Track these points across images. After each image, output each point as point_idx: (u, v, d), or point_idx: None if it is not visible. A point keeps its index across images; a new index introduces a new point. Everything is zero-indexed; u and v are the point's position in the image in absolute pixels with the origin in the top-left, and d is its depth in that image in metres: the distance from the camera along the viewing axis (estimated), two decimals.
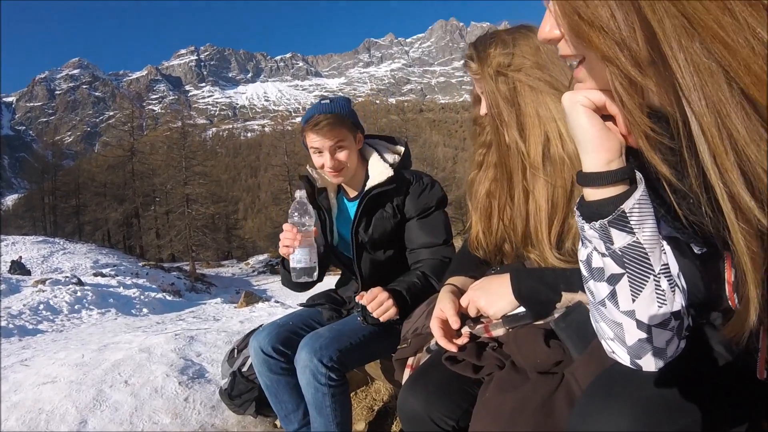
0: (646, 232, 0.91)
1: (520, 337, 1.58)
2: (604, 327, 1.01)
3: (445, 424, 1.68)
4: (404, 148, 2.72)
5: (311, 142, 2.47)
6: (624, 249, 0.92)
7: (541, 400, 1.39)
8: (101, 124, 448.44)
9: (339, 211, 2.73)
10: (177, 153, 52.57)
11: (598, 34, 0.80)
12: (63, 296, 14.78)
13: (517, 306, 1.65)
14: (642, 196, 0.90)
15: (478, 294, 1.71)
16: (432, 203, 2.55)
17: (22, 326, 11.34)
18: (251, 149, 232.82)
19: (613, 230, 0.91)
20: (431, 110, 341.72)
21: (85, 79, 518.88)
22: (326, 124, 2.41)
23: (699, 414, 1.07)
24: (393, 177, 2.50)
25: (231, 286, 33.05)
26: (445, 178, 56.97)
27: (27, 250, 33.44)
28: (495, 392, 1.51)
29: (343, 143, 2.47)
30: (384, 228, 2.55)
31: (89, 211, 66.72)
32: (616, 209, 0.90)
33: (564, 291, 1.56)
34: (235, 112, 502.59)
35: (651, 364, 0.97)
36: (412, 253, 2.57)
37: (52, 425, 3.13)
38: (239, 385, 3.11)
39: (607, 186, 0.92)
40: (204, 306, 14.08)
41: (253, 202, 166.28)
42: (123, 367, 3.85)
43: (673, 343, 0.97)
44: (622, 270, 0.93)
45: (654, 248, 0.92)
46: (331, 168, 2.47)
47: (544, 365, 1.50)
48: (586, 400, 1.15)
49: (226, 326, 5.55)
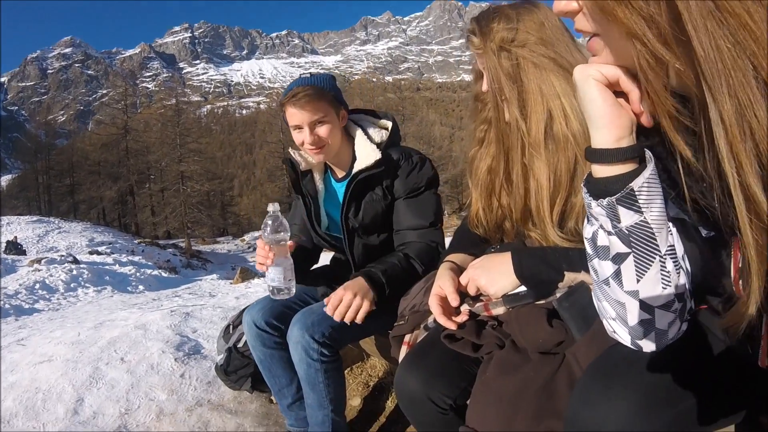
0: (654, 212, 0.89)
1: (521, 317, 1.57)
2: (606, 306, 1.00)
3: (443, 403, 1.68)
4: (392, 123, 2.60)
5: (290, 117, 2.37)
6: (631, 228, 0.90)
7: (543, 381, 1.38)
8: (94, 102, 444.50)
9: (327, 192, 2.65)
10: (171, 130, 52.29)
11: (624, 8, 0.76)
12: (59, 275, 14.79)
13: (519, 285, 1.64)
14: (651, 175, 0.88)
15: (479, 272, 1.70)
16: (422, 183, 2.44)
17: (19, 306, 11.36)
18: (246, 126, 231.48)
19: (620, 208, 0.89)
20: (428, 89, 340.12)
21: (78, 57, 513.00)
22: (304, 95, 2.30)
23: (697, 399, 1.07)
24: (381, 160, 2.38)
25: (227, 262, 33.11)
26: (441, 157, 56.88)
27: (22, 230, 33.35)
28: (496, 373, 1.50)
29: (324, 118, 2.36)
30: (375, 211, 2.46)
31: (84, 189, 66.51)
32: (625, 187, 0.87)
33: (567, 270, 1.56)
34: (230, 90, 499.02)
35: (652, 345, 0.96)
36: (398, 234, 2.49)
37: (48, 404, 3.14)
38: (235, 361, 3.11)
39: (617, 163, 0.90)
40: (200, 282, 14.15)
41: (248, 179, 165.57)
42: (119, 345, 3.85)
43: (675, 325, 0.96)
44: (628, 249, 0.91)
45: (661, 228, 0.90)
46: (311, 144, 2.37)
47: (545, 345, 1.49)
48: (586, 382, 1.15)
49: (222, 302, 5.56)
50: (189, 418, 3.04)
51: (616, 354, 1.14)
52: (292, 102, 2.31)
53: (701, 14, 0.69)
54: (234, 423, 3.01)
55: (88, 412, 3.07)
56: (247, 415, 3.09)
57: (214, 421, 3.03)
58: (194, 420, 3.03)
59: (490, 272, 1.68)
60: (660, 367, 1.07)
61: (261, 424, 3.01)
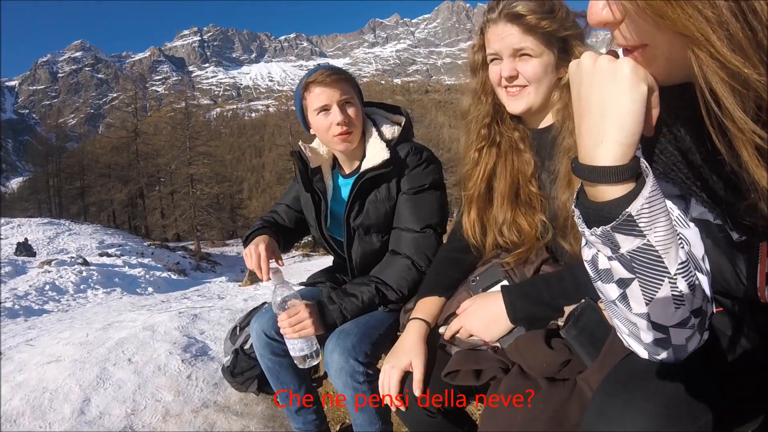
0: (659, 232, 0.77)
1: (521, 344, 1.54)
2: (619, 324, 0.92)
3: (431, 406, 1.68)
4: (405, 118, 2.49)
5: (316, 98, 2.23)
6: (633, 253, 0.79)
7: (552, 412, 1.35)
8: (104, 106, 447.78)
9: (334, 189, 2.55)
10: (181, 133, 52.41)
11: (678, 7, 0.62)
12: (69, 276, 14.87)
13: (513, 328, 1.61)
14: (652, 193, 0.76)
15: (471, 321, 1.67)
16: (426, 182, 2.31)
17: (28, 307, 11.42)
18: (255, 129, 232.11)
19: (618, 235, 0.78)
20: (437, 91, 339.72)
21: (88, 61, 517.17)
22: (332, 73, 2.21)
23: (717, 410, 0.99)
24: (389, 160, 2.27)
25: (236, 265, 33.14)
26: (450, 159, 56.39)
27: (33, 232, 33.55)
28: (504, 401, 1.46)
29: (353, 98, 2.27)
30: (378, 212, 2.35)
31: (94, 192, 66.80)
32: (621, 213, 0.76)
33: (565, 306, 1.52)
34: (239, 93, 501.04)
35: (671, 358, 0.90)
36: (394, 232, 2.36)
37: (55, 404, 3.15)
38: (241, 363, 3.12)
39: (617, 183, 0.77)
40: (209, 285, 14.21)
41: (257, 182, 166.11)
42: (127, 346, 3.86)
43: (694, 338, 0.88)
44: (631, 275, 0.81)
45: (668, 249, 0.78)
46: (342, 124, 2.23)
47: (551, 368, 1.45)
48: (602, 395, 1.07)
49: (230, 304, 5.56)
50: (195, 420, 3.03)
51: (631, 366, 1.08)
52: (319, 82, 2.21)
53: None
54: (240, 425, 3.00)
55: (95, 412, 3.07)
56: (253, 417, 3.08)
57: (220, 422, 3.02)
58: (200, 421, 3.02)
59: (483, 320, 1.65)
60: (678, 378, 0.99)
61: (267, 427, 3.00)
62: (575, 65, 0.83)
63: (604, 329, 1.35)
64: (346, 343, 2.07)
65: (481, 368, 1.59)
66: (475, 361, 1.60)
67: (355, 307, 2.19)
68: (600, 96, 0.77)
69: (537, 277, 1.67)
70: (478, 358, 1.61)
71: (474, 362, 1.60)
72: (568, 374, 1.43)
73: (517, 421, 1.37)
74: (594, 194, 0.81)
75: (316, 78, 2.21)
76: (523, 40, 1.61)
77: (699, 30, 0.61)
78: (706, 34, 0.61)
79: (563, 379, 1.44)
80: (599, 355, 1.34)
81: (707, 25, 0.60)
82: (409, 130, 2.47)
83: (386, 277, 2.25)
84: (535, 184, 1.76)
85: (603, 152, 0.77)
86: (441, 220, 2.33)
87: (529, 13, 1.56)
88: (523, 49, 1.62)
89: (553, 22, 1.57)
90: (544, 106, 1.72)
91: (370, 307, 2.21)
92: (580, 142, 0.81)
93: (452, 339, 1.72)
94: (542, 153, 1.76)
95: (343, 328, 2.16)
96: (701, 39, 0.62)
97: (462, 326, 1.69)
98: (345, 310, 2.18)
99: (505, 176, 1.79)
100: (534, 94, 1.68)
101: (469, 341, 1.68)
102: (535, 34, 1.59)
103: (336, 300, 2.20)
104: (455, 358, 1.65)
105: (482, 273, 1.80)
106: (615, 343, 1.19)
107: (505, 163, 1.80)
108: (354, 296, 2.20)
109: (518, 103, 1.70)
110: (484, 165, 1.83)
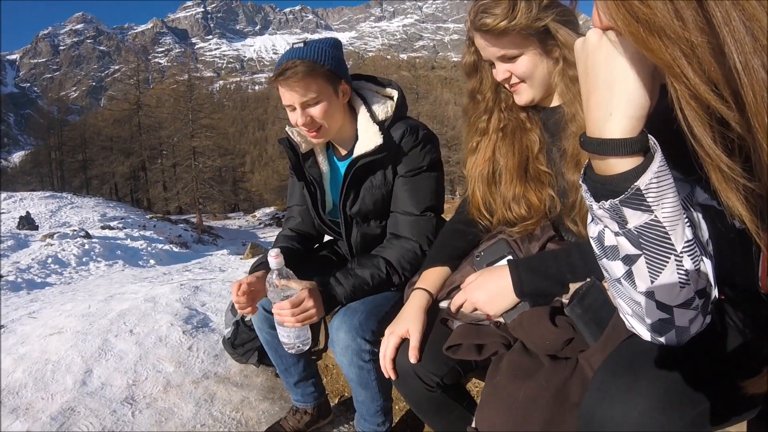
0: (667, 208, 0.78)
1: (525, 320, 1.53)
2: (622, 303, 0.93)
3: (430, 380, 1.69)
4: (397, 92, 2.32)
5: (282, 96, 2.11)
6: (640, 228, 0.80)
7: (555, 389, 1.34)
8: (106, 78, 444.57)
9: (331, 172, 2.45)
10: (184, 106, 52.15)
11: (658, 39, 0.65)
12: (71, 249, 14.88)
13: (518, 302, 1.61)
14: (660, 168, 0.76)
15: (476, 294, 1.66)
16: (423, 163, 2.21)
17: (31, 280, 11.46)
18: (259, 102, 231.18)
19: (626, 209, 0.78)
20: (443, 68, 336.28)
21: (89, 33, 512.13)
22: (294, 73, 2.01)
23: (716, 397, 0.99)
24: (382, 145, 2.14)
25: (237, 238, 33.23)
26: (454, 137, 56.45)
27: (35, 205, 33.50)
28: (507, 378, 1.46)
29: (318, 97, 2.08)
30: (374, 198, 2.26)
31: (96, 165, 66.70)
32: (630, 186, 0.76)
33: (571, 282, 1.52)
34: (242, 65, 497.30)
35: (673, 340, 0.90)
36: (392, 217, 2.28)
37: (57, 375, 3.18)
38: (242, 335, 3.13)
39: (625, 156, 0.77)
40: (210, 257, 14.27)
41: (260, 156, 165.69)
42: (128, 317, 3.89)
43: (698, 320, 0.89)
44: (638, 251, 0.82)
45: (675, 225, 0.79)
46: (304, 126, 2.13)
47: (554, 346, 1.45)
48: (603, 377, 1.07)
49: (232, 277, 5.60)
50: (195, 390, 3.06)
51: (633, 347, 1.07)
52: (281, 81, 2.06)
53: (754, 44, 0.57)
54: (240, 396, 3.03)
55: (97, 383, 3.10)
56: (253, 389, 3.11)
57: (220, 393, 3.05)
58: (200, 392, 3.05)
59: (489, 292, 1.64)
60: (680, 362, 0.98)
61: (266, 398, 3.03)
62: (581, 42, 0.83)
63: (609, 309, 1.35)
64: (353, 320, 2.04)
65: (483, 343, 1.59)
66: (477, 335, 1.60)
67: (363, 292, 2.15)
68: (607, 70, 0.77)
69: (544, 252, 1.67)
70: (480, 333, 1.61)
71: (476, 336, 1.60)
72: (570, 353, 1.42)
73: (520, 397, 1.37)
74: (602, 168, 0.81)
75: (276, 74, 2.07)
76: (501, 46, 1.65)
77: (676, 63, 0.63)
78: (682, 67, 0.63)
79: (565, 357, 1.44)
80: (602, 336, 1.34)
81: (684, 59, 0.63)
82: (402, 106, 2.32)
83: (391, 258, 2.19)
84: (543, 161, 1.77)
85: (612, 125, 0.77)
86: (439, 202, 2.29)
87: (494, 23, 1.58)
88: (505, 53, 1.66)
89: (521, 20, 1.57)
90: (549, 90, 1.74)
91: (378, 290, 2.18)
92: (588, 117, 0.81)
93: (455, 313, 1.72)
94: (552, 130, 1.76)
95: (350, 307, 2.12)
96: (678, 72, 0.64)
97: (466, 299, 1.68)
98: (354, 292, 2.12)
99: (513, 153, 1.80)
100: (531, 88, 1.71)
101: (472, 315, 1.68)
102: (508, 36, 1.61)
103: (343, 282, 2.12)
104: (457, 331, 1.65)
105: (487, 248, 1.79)
106: (618, 323, 1.18)
107: (512, 141, 1.81)
108: (363, 279, 2.13)
109: (520, 97, 1.75)
110: (487, 149, 1.86)
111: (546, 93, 1.74)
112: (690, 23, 0.61)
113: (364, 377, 2.08)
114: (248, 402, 2.99)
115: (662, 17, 0.63)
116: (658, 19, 0.63)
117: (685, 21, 0.61)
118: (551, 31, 1.60)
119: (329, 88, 2.12)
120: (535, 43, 1.63)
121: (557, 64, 1.66)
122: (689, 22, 0.61)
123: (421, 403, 1.78)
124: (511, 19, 1.56)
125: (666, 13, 0.62)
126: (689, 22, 0.61)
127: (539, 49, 1.65)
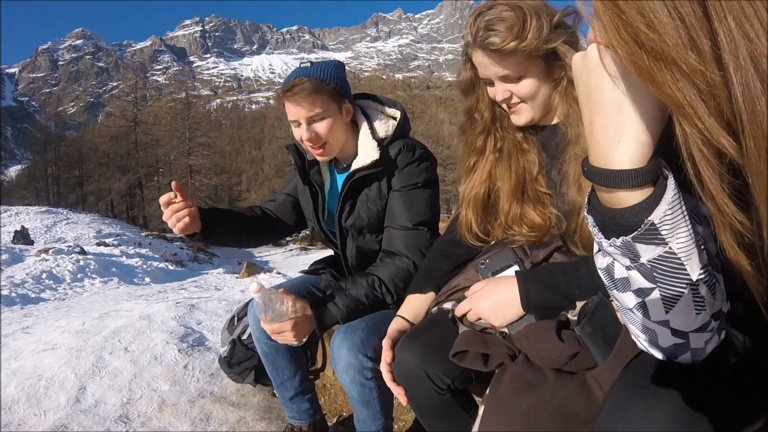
0: (681, 238, 0.70)
1: (530, 333, 1.51)
2: (634, 329, 0.88)
3: (441, 382, 1.66)
4: (400, 112, 2.41)
5: (288, 111, 2.19)
6: (654, 262, 0.72)
7: (558, 404, 1.32)
8: (104, 94, 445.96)
9: (330, 182, 2.51)
10: (181, 124, 52.52)
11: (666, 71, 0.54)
12: (66, 265, 14.79)
13: (524, 314, 1.58)
14: (674, 197, 0.68)
15: (482, 304, 1.63)
16: (418, 180, 2.25)
17: (25, 295, 11.38)
18: (255, 121, 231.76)
19: (639, 245, 0.71)
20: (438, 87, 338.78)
21: (89, 49, 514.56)
22: (301, 90, 2.11)
23: (731, 411, 0.97)
24: (378, 161, 2.21)
25: (233, 256, 33.07)
26: (450, 156, 56.91)
27: (30, 220, 33.42)
28: (509, 390, 1.44)
29: (323, 114, 2.18)
30: (369, 211, 2.30)
31: (92, 181, 66.86)
32: (644, 221, 0.69)
33: (578, 300, 1.50)
34: (239, 84, 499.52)
35: (688, 360, 0.86)
36: (387, 232, 2.29)
37: (51, 391, 3.14)
38: (238, 353, 3.11)
39: (636, 189, 0.69)
40: (206, 276, 14.17)
41: (256, 174, 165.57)
42: (123, 334, 3.85)
43: (713, 341, 0.85)
44: (652, 285, 0.75)
45: (690, 254, 0.71)
46: (309, 142, 2.21)
47: (559, 360, 1.42)
48: (620, 396, 1.03)
49: (228, 295, 5.55)
50: (191, 410, 3.02)
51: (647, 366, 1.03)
52: (288, 97, 2.15)
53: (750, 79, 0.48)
54: (236, 415, 2.99)
55: (90, 401, 3.06)
56: (249, 408, 3.07)
57: (216, 413, 3.01)
58: (196, 411, 3.01)
59: (494, 303, 1.60)
60: (695, 379, 0.95)
61: (263, 418, 2.99)
62: (581, 58, 0.73)
63: (616, 325, 1.33)
64: (354, 338, 2.04)
65: (489, 353, 1.56)
66: (483, 343, 1.58)
67: (359, 312, 2.15)
68: (614, 88, 0.68)
69: (553, 265, 1.64)
70: (486, 341, 1.59)
71: (482, 345, 1.58)
72: (575, 367, 1.41)
73: (522, 410, 1.35)
74: (609, 200, 0.73)
75: (284, 91, 2.16)
76: (505, 66, 1.62)
77: (687, 100, 0.53)
78: (695, 107, 0.53)
79: (570, 372, 1.42)
80: (611, 354, 1.32)
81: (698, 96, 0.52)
82: (404, 126, 2.39)
83: (384, 277, 2.19)
84: (543, 182, 1.75)
85: (620, 153, 0.69)
86: (434, 218, 2.29)
87: (502, 43, 1.55)
88: (508, 74, 1.63)
89: (531, 41, 1.54)
90: (547, 110, 1.73)
91: (374, 308, 2.17)
92: (592, 142, 0.72)
93: (461, 318, 1.70)
94: (551, 150, 1.75)
95: (351, 324, 2.12)
96: (689, 112, 0.54)
97: (471, 308, 1.66)
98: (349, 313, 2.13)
99: (510, 175, 1.79)
100: (531, 109, 1.70)
101: (476, 323, 1.66)
102: (515, 56, 1.59)
103: (339, 304, 2.13)
104: (462, 337, 1.61)
105: (492, 256, 1.78)
106: (626, 341, 1.17)
107: (509, 163, 1.80)
108: (357, 300, 2.14)
109: (519, 117, 1.73)
110: (483, 170, 1.85)
111: (545, 113, 1.72)
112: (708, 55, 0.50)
113: (366, 395, 2.07)
114: (245, 422, 2.95)
115: (674, 46, 0.52)
116: (668, 48, 0.52)
117: (701, 52, 0.50)
118: (559, 54, 1.59)
119: (333, 106, 2.21)
120: (539, 64, 1.62)
121: (558, 84, 1.65)
122: (707, 53, 0.50)
123: (427, 406, 1.75)
124: (522, 39, 1.53)
125: (678, 41, 0.51)
126: (707, 54, 0.50)
127: (543, 70, 1.63)
